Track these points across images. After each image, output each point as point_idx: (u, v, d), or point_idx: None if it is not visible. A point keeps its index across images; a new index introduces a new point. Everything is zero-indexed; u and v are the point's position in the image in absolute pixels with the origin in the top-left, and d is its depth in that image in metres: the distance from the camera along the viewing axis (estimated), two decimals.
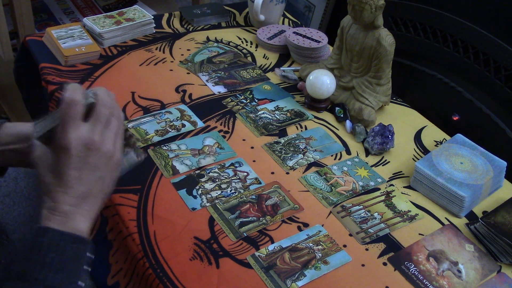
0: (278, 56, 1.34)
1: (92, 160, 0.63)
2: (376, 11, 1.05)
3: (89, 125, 0.64)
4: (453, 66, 1.55)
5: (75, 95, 0.63)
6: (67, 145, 0.62)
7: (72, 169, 0.62)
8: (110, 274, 0.85)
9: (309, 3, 2.10)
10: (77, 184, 0.63)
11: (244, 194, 0.92)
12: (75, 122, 0.62)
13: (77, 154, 0.62)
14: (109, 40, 1.26)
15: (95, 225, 0.91)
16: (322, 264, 0.82)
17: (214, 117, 1.10)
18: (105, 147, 0.64)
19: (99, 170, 0.64)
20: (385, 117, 1.17)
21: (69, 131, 0.62)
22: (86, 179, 0.63)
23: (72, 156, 0.62)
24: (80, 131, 0.62)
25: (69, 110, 0.62)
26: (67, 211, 0.62)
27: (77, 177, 0.63)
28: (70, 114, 0.62)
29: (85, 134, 0.63)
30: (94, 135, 0.63)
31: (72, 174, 0.63)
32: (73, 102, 0.62)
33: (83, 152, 0.63)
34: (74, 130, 0.62)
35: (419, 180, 0.98)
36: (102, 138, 0.64)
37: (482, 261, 0.87)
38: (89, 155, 0.63)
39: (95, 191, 0.65)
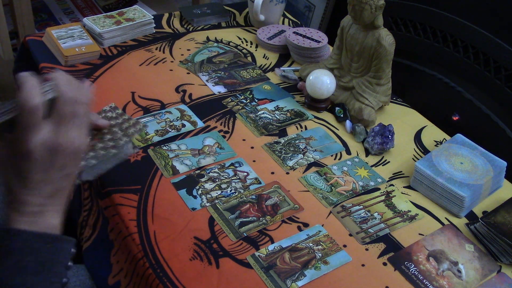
0: (278, 56, 1.34)
1: (58, 161, 0.59)
2: (376, 11, 1.05)
3: (52, 125, 0.58)
4: (453, 66, 1.55)
5: (32, 97, 0.56)
6: (28, 152, 0.57)
7: (36, 173, 0.58)
8: (111, 274, 0.85)
9: (309, 3, 2.10)
10: (43, 185, 0.59)
11: (244, 194, 0.92)
12: (36, 126, 0.57)
13: (41, 159, 0.58)
14: (109, 40, 1.26)
15: (97, 225, 0.91)
16: (322, 264, 0.82)
17: (214, 117, 1.10)
18: (73, 146, 0.60)
19: (66, 167, 0.60)
20: (385, 117, 1.17)
21: (30, 136, 0.57)
22: (54, 178, 0.60)
23: (36, 161, 0.57)
24: (42, 135, 0.57)
25: (26, 117, 0.56)
26: (35, 211, 0.59)
27: (43, 179, 0.59)
28: (28, 121, 0.56)
29: (48, 138, 0.58)
30: (59, 137, 0.58)
31: (37, 177, 0.58)
32: (30, 109, 0.56)
33: (48, 156, 0.58)
34: (35, 134, 0.57)
35: (419, 180, 0.98)
36: (67, 138, 0.59)
37: (482, 261, 0.87)
38: (55, 157, 0.59)
39: (63, 186, 0.61)
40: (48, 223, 0.60)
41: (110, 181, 0.90)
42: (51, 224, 0.60)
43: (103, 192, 0.90)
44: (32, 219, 0.59)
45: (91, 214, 0.93)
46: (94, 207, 0.93)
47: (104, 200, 0.89)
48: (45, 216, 0.60)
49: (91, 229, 0.92)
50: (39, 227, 0.59)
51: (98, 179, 0.90)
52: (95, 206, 0.93)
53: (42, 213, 0.60)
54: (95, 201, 0.93)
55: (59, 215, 0.62)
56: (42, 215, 0.60)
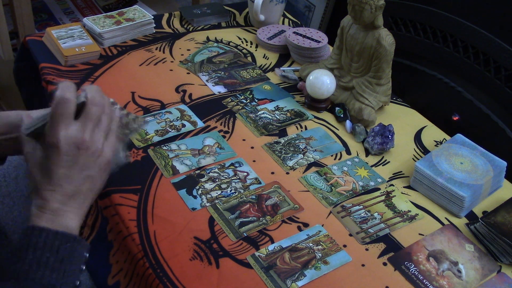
0: (278, 56, 1.34)
1: (81, 159, 0.63)
2: (376, 11, 1.05)
3: (79, 124, 0.63)
4: (453, 66, 1.55)
5: (67, 93, 0.62)
6: (57, 143, 0.61)
7: (61, 168, 0.62)
8: (111, 274, 0.85)
9: (309, 3, 2.10)
10: (66, 182, 0.63)
11: (244, 194, 0.92)
12: (66, 121, 0.62)
13: (66, 153, 0.62)
14: (109, 40, 1.26)
15: (96, 225, 0.91)
16: (322, 264, 0.82)
17: (214, 117, 1.10)
18: (95, 146, 0.64)
19: (88, 169, 0.64)
20: (385, 117, 1.17)
21: (59, 129, 0.61)
22: (75, 178, 0.63)
23: (61, 155, 0.62)
24: (70, 130, 0.62)
25: (60, 108, 0.61)
26: (56, 209, 0.62)
27: (66, 176, 0.63)
28: (61, 112, 0.62)
29: (75, 133, 0.62)
30: (84, 134, 0.63)
31: (61, 172, 0.62)
32: (64, 100, 0.62)
33: (72, 151, 0.62)
34: (65, 128, 0.62)
35: (419, 180, 0.98)
36: (92, 137, 0.64)
37: (482, 261, 0.87)
38: (78, 154, 0.63)
39: (84, 189, 0.65)
40: (66, 224, 0.63)
41: (110, 181, 0.89)
42: (70, 225, 0.63)
43: (102, 192, 0.90)
44: (52, 217, 0.62)
45: (89, 214, 0.93)
46: (93, 207, 0.93)
47: (103, 200, 0.89)
48: (64, 217, 0.63)
49: (90, 229, 0.92)
50: (58, 226, 0.62)
51: None
52: (93, 206, 0.93)
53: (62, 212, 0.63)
54: (94, 201, 0.93)
55: (78, 219, 0.65)
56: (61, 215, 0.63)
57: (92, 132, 0.64)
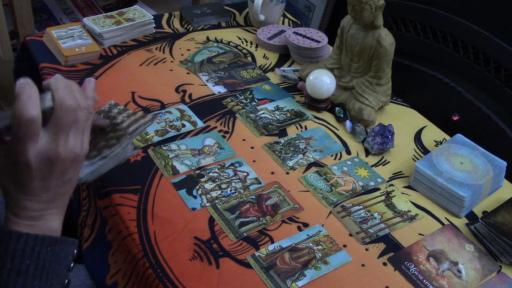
0: (278, 56, 1.34)
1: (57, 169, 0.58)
2: (376, 11, 1.05)
3: (51, 135, 0.56)
4: (453, 66, 1.55)
5: (29, 109, 0.54)
6: (27, 162, 0.55)
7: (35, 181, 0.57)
8: (109, 274, 0.85)
9: (309, 3, 2.10)
10: (43, 192, 0.58)
11: (244, 194, 0.92)
12: (33, 138, 0.55)
13: (39, 168, 0.56)
14: (109, 40, 1.26)
15: (95, 225, 0.91)
16: (322, 264, 0.82)
17: (214, 117, 1.10)
18: (72, 154, 0.58)
19: (66, 173, 0.59)
20: (385, 117, 1.17)
21: (27, 148, 0.55)
22: (53, 185, 0.59)
23: (34, 171, 0.56)
24: (40, 145, 0.56)
25: (23, 129, 0.54)
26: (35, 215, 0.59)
27: (42, 187, 0.58)
28: (25, 133, 0.54)
29: (46, 148, 0.56)
30: (58, 147, 0.57)
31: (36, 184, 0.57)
32: (27, 121, 0.54)
33: (46, 165, 0.57)
34: (33, 145, 0.55)
35: (419, 180, 0.98)
36: (67, 147, 0.57)
37: (482, 261, 0.87)
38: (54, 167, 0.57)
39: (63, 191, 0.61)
40: (48, 226, 0.60)
41: (109, 181, 0.90)
42: (51, 227, 0.60)
43: (102, 192, 0.90)
44: (32, 223, 0.59)
45: (89, 214, 0.93)
46: (92, 207, 0.93)
47: (103, 200, 0.89)
48: (45, 219, 0.60)
49: (90, 229, 0.92)
50: (38, 230, 0.59)
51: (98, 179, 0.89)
52: (93, 206, 0.93)
53: (42, 216, 0.59)
54: (92, 201, 0.93)
55: (60, 218, 0.62)
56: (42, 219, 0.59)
57: (66, 141, 0.57)
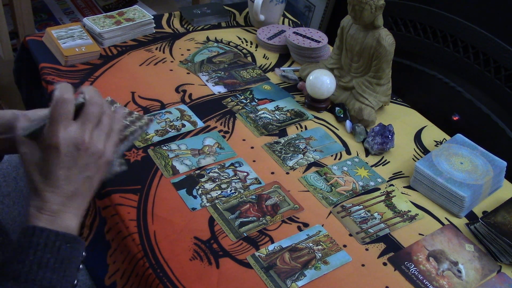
0: (278, 56, 1.34)
1: (81, 160, 0.62)
2: (376, 11, 1.05)
3: (79, 124, 0.62)
4: (453, 66, 1.55)
5: (65, 93, 0.61)
6: (57, 144, 0.61)
7: (60, 169, 0.61)
8: (108, 274, 0.85)
9: (309, 3, 2.10)
10: (65, 183, 0.62)
11: (244, 194, 0.92)
12: (65, 121, 0.61)
13: (66, 154, 0.61)
14: (109, 40, 1.26)
15: (94, 225, 0.91)
16: (322, 264, 0.82)
17: (214, 117, 1.10)
18: (95, 147, 0.63)
19: (88, 170, 0.64)
20: (385, 117, 1.17)
21: (59, 130, 0.61)
22: (75, 179, 0.63)
23: (61, 156, 0.61)
24: (70, 131, 0.61)
25: (59, 108, 0.61)
26: (56, 210, 0.62)
27: (65, 177, 0.62)
28: (60, 113, 0.61)
29: (75, 134, 0.62)
30: (84, 135, 0.62)
31: (60, 173, 0.62)
32: (63, 100, 0.61)
33: (72, 152, 0.62)
34: (64, 129, 0.61)
35: (419, 180, 0.98)
36: (92, 138, 0.63)
37: (482, 261, 0.87)
38: (78, 155, 0.62)
39: (83, 190, 0.64)
40: (66, 224, 0.62)
41: (109, 181, 0.90)
42: (69, 225, 0.63)
43: (102, 192, 0.90)
44: (51, 218, 0.61)
45: (88, 214, 0.93)
46: (91, 208, 0.93)
47: (103, 200, 0.89)
48: (64, 217, 0.62)
49: (88, 229, 0.92)
50: (57, 226, 0.61)
51: None
52: (92, 206, 0.93)
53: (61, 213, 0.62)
54: (92, 201, 0.93)
55: (77, 219, 0.64)
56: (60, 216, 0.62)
57: (91, 133, 0.63)
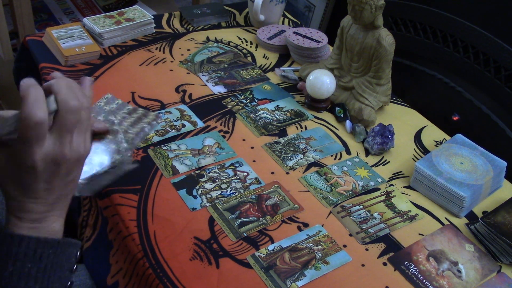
0: (278, 56, 1.34)
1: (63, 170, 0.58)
2: (376, 11, 1.05)
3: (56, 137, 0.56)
4: (453, 66, 1.55)
5: (37, 111, 0.53)
6: (33, 164, 0.55)
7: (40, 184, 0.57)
8: (110, 274, 0.85)
9: (309, 3, 2.10)
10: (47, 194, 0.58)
11: (244, 194, 0.92)
12: (39, 141, 0.55)
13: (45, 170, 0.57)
14: (109, 40, 1.26)
15: (97, 225, 0.91)
16: (322, 264, 0.82)
17: (214, 117, 1.10)
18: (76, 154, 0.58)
19: (71, 174, 0.60)
20: (385, 117, 1.17)
21: (33, 150, 0.55)
22: (57, 187, 0.59)
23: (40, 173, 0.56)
24: (46, 148, 0.56)
25: (31, 131, 0.54)
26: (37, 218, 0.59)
27: (47, 188, 0.58)
28: (33, 136, 0.54)
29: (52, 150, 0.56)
30: (64, 149, 0.57)
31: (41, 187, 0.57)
32: (35, 124, 0.54)
33: (52, 167, 0.57)
34: (39, 149, 0.55)
35: (419, 180, 0.98)
36: (72, 147, 0.58)
37: (482, 261, 0.87)
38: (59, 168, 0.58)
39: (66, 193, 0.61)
40: (50, 228, 0.60)
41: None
42: (54, 229, 0.60)
43: (102, 192, 0.90)
44: (34, 225, 0.58)
45: (90, 214, 0.93)
46: (93, 207, 0.93)
47: (103, 200, 0.89)
48: (47, 221, 0.59)
49: (92, 229, 0.92)
50: (41, 233, 0.58)
51: None
52: (94, 206, 0.93)
53: (44, 218, 0.59)
54: (93, 201, 0.93)
55: (61, 219, 0.61)
56: (44, 221, 0.59)
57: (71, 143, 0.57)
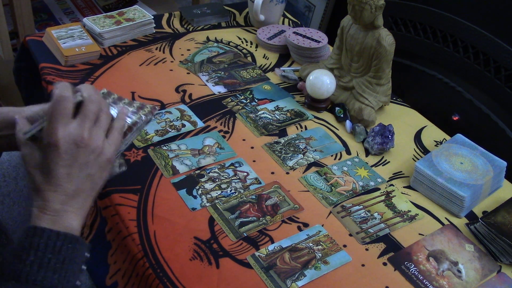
0: (278, 56, 1.34)
1: (81, 157, 0.63)
2: (376, 11, 1.05)
3: (78, 121, 0.63)
4: (453, 66, 1.55)
5: (64, 91, 0.62)
6: (56, 142, 0.61)
7: (61, 167, 0.62)
8: (109, 275, 0.85)
9: (309, 3, 2.10)
10: (66, 182, 0.63)
11: (244, 194, 0.92)
12: (64, 119, 0.62)
13: (66, 151, 0.62)
14: (109, 40, 1.26)
15: (94, 225, 0.91)
16: (322, 264, 0.82)
17: (214, 117, 1.10)
18: (94, 144, 0.64)
19: (88, 167, 0.64)
20: (385, 117, 1.17)
21: (58, 128, 0.61)
22: (76, 177, 0.63)
23: (61, 153, 0.61)
24: (69, 128, 0.62)
25: (58, 106, 0.61)
26: (57, 209, 0.62)
27: (66, 175, 0.62)
28: (59, 111, 0.61)
29: (74, 131, 0.62)
30: (83, 132, 0.63)
31: (61, 171, 0.62)
32: (62, 98, 0.62)
33: (72, 149, 0.62)
34: (63, 127, 0.61)
35: (419, 180, 0.98)
36: (91, 135, 0.63)
37: (482, 261, 0.87)
38: (78, 152, 0.62)
39: (84, 188, 0.65)
40: (68, 224, 0.62)
41: (109, 181, 0.89)
42: (71, 225, 0.63)
43: (102, 192, 0.90)
44: (54, 218, 0.62)
45: (88, 214, 0.93)
46: (92, 208, 0.93)
47: (103, 200, 0.89)
48: (66, 216, 0.63)
49: (88, 229, 0.92)
50: (59, 226, 0.61)
51: None
52: (92, 206, 0.93)
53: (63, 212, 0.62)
54: (93, 201, 0.93)
55: (80, 219, 0.64)
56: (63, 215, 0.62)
57: (90, 130, 0.63)
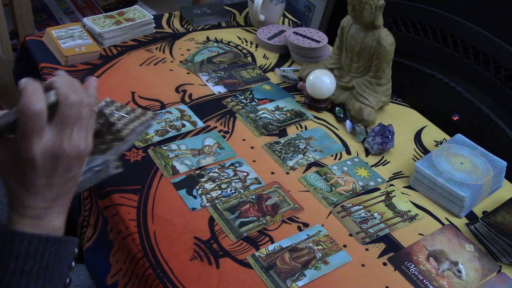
0: (278, 56, 1.34)
1: (62, 166, 0.57)
2: (376, 11, 1.05)
3: (55, 131, 0.55)
4: (453, 66, 1.55)
5: (35, 103, 0.53)
6: (32, 159, 0.54)
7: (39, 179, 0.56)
8: (110, 274, 0.85)
9: (309, 3, 2.10)
10: (47, 190, 0.58)
11: (244, 194, 0.92)
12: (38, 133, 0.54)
13: (44, 165, 0.56)
14: (109, 40, 1.26)
15: (98, 225, 0.91)
16: (322, 264, 0.82)
17: (214, 117, 1.10)
18: (77, 150, 0.57)
19: (70, 171, 0.59)
20: (385, 117, 1.17)
21: (32, 144, 0.54)
22: (57, 183, 0.58)
23: (38, 167, 0.55)
24: (45, 141, 0.55)
25: (29, 123, 0.53)
26: (38, 214, 0.58)
27: (46, 184, 0.57)
28: (31, 127, 0.53)
29: (51, 144, 0.55)
30: (63, 142, 0.56)
31: (40, 182, 0.57)
32: (33, 114, 0.53)
33: (51, 162, 0.56)
34: (38, 142, 0.54)
35: (419, 180, 0.98)
36: (72, 142, 0.56)
37: (482, 261, 0.87)
38: (58, 163, 0.57)
39: (66, 189, 0.60)
40: (51, 225, 0.59)
41: (109, 181, 0.90)
42: (54, 226, 0.60)
43: (102, 192, 0.90)
44: (35, 222, 0.58)
45: (91, 214, 0.93)
46: (94, 207, 0.93)
47: (103, 200, 0.89)
48: (48, 218, 0.59)
49: (93, 229, 0.92)
50: (42, 230, 0.58)
51: None
52: (94, 206, 0.93)
53: (45, 215, 0.59)
54: (94, 201, 0.93)
55: (63, 216, 0.61)
56: (45, 218, 0.59)
57: (70, 138, 0.56)
